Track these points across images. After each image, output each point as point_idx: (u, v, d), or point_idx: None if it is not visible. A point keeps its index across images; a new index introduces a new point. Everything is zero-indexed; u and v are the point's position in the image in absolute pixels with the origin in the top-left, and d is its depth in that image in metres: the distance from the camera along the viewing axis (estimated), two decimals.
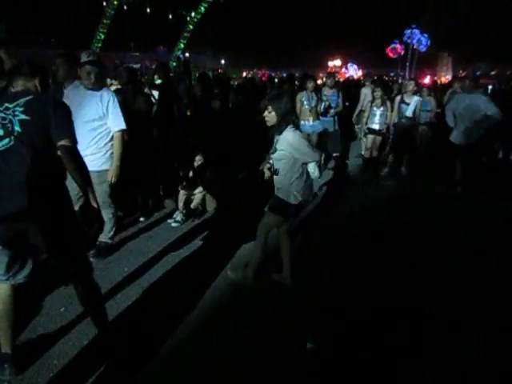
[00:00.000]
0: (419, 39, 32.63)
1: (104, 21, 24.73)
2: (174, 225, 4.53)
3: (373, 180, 6.49)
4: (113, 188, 3.63)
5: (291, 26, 41.07)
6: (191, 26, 28.81)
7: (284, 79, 11.21)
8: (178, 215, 4.62)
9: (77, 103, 3.19)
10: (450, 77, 26.39)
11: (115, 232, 3.94)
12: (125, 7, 26.28)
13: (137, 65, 16.56)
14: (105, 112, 3.47)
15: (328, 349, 2.62)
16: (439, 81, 22.49)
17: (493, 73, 27.57)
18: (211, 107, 6.27)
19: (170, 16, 29.59)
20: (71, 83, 3.66)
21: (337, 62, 38.05)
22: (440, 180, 6.26)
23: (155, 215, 4.83)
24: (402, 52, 34.98)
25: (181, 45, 29.03)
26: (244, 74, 29.27)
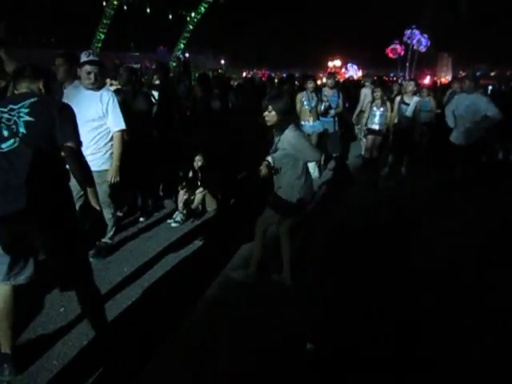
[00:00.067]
0: (419, 39, 32.69)
1: (104, 21, 24.73)
2: (174, 225, 4.53)
3: (373, 180, 6.49)
4: (112, 188, 3.63)
5: (291, 27, 41.10)
6: (191, 27, 28.81)
7: (284, 79, 11.20)
8: (178, 215, 4.62)
9: (76, 103, 3.17)
10: (450, 77, 26.42)
11: (115, 232, 3.94)
12: (125, 7, 26.29)
13: (137, 65, 16.58)
14: (104, 112, 3.47)
15: (328, 349, 2.61)
16: (439, 81, 22.50)
17: (493, 73, 27.63)
18: (211, 107, 6.26)
19: (170, 16, 29.62)
20: (71, 83, 3.66)
21: (337, 63, 38.10)
22: (440, 180, 6.26)
23: (155, 215, 4.83)
24: (402, 52, 35.05)
25: (181, 45, 29.03)
26: (244, 74, 29.27)
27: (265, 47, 38.96)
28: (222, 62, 36.10)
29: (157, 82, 5.33)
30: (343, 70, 36.06)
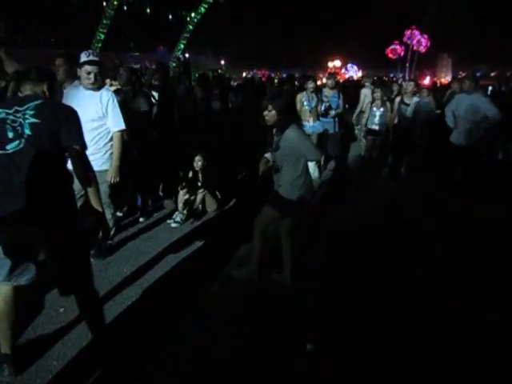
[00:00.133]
0: (419, 40, 32.71)
1: (104, 21, 24.76)
2: (174, 225, 4.53)
3: (373, 180, 6.49)
4: (112, 188, 3.63)
5: (291, 27, 41.12)
6: (191, 27, 28.83)
7: (284, 80, 11.20)
8: (178, 216, 4.61)
9: (76, 103, 3.16)
10: (450, 78, 26.42)
11: (115, 232, 3.93)
12: (125, 7, 26.30)
13: (137, 65, 16.59)
14: (104, 112, 3.46)
15: (328, 349, 2.61)
16: (439, 82, 22.50)
17: (493, 74, 27.60)
18: (211, 108, 6.27)
19: (170, 16, 29.63)
20: (71, 83, 3.66)
21: (337, 63, 38.06)
22: (440, 180, 6.26)
23: (155, 216, 4.83)
24: (402, 53, 35.06)
25: (181, 45, 29.05)
26: (244, 75, 29.28)
27: (265, 47, 38.95)
28: (222, 63, 36.11)
29: (156, 83, 5.33)
30: (343, 71, 36.02)
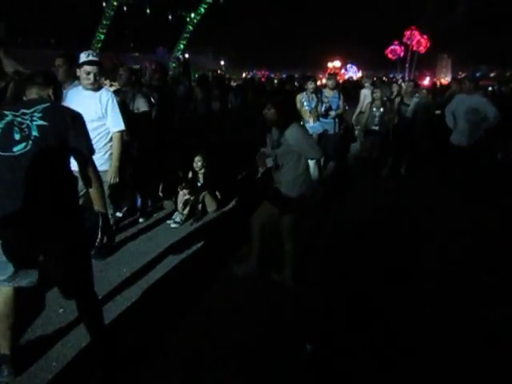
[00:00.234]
0: (419, 40, 32.73)
1: (104, 21, 24.75)
2: (174, 226, 4.52)
3: (373, 180, 6.48)
4: (112, 189, 3.62)
5: (291, 27, 41.15)
6: (191, 27, 28.83)
7: (284, 80, 11.21)
8: (178, 216, 4.61)
9: (76, 103, 3.17)
10: (450, 78, 26.43)
11: (114, 233, 3.92)
12: (124, 8, 26.30)
13: (136, 66, 16.56)
14: (104, 112, 3.46)
15: (327, 349, 2.61)
16: (438, 82, 22.51)
17: (492, 74, 27.63)
18: (211, 108, 6.26)
19: (170, 17, 29.63)
20: (71, 83, 3.65)
21: (336, 63, 38.09)
22: (440, 181, 6.26)
23: (154, 216, 4.82)
24: (402, 53, 35.09)
25: (180, 46, 29.05)
26: (244, 75, 29.28)
27: (265, 48, 38.99)
28: (222, 63, 36.13)
29: (155, 83, 5.33)
30: (343, 71, 36.04)
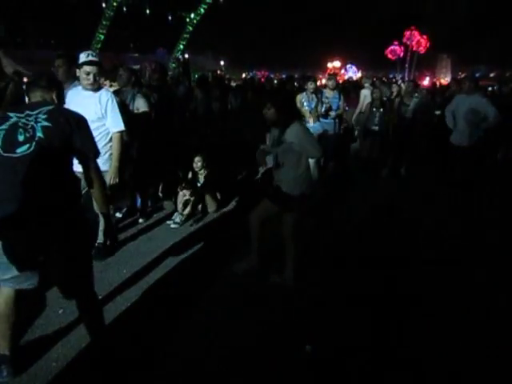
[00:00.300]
0: (418, 41, 32.74)
1: (103, 22, 24.73)
2: (173, 226, 4.52)
3: (372, 181, 6.48)
4: (112, 189, 3.62)
5: (291, 28, 41.14)
6: (191, 28, 28.82)
7: (283, 80, 11.22)
8: (177, 217, 4.61)
9: (75, 104, 3.17)
10: (450, 78, 26.44)
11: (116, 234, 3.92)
12: (124, 8, 26.29)
13: (136, 66, 16.55)
14: (103, 113, 3.46)
15: (327, 349, 2.60)
16: (438, 82, 22.52)
17: (492, 74, 27.65)
18: (211, 108, 6.26)
19: (170, 17, 29.61)
20: (71, 84, 3.65)
21: (336, 64, 38.07)
22: (440, 181, 6.26)
23: (154, 217, 4.82)
24: (402, 54, 35.09)
25: (180, 46, 29.02)
26: (243, 75, 29.26)
27: (264, 48, 38.98)
28: (222, 63, 36.12)
29: (154, 83, 5.32)
30: (342, 71, 36.03)
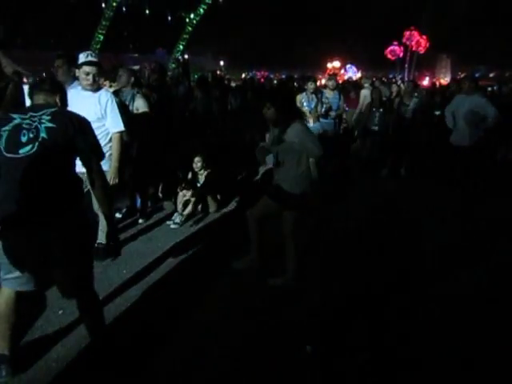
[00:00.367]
0: (418, 41, 32.75)
1: (103, 22, 24.74)
2: (173, 227, 4.52)
3: (372, 181, 6.48)
4: (111, 190, 3.61)
5: (290, 28, 41.12)
6: (190, 28, 28.81)
7: (283, 80, 11.23)
8: (177, 217, 4.60)
9: (75, 104, 3.14)
10: (449, 79, 26.46)
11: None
12: (124, 9, 26.30)
13: (136, 66, 16.55)
14: (103, 113, 3.46)
15: (327, 349, 2.60)
16: (438, 83, 22.53)
17: (492, 75, 27.67)
18: (211, 109, 6.26)
19: (169, 17, 29.63)
20: (70, 84, 3.65)
21: (336, 64, 38.07)
22: (440, 181, 6.25)
23: (154, 217, 4.82)
24: (401, 54, 35.10)
25: (180, 46, 29.01)
26: (243, 76, 29.27)
27: (264, 48, 38.95)
28: (221, 64, 36.11)
29: (154, 84, 5.33)
30: (342, 71, 36.02)
